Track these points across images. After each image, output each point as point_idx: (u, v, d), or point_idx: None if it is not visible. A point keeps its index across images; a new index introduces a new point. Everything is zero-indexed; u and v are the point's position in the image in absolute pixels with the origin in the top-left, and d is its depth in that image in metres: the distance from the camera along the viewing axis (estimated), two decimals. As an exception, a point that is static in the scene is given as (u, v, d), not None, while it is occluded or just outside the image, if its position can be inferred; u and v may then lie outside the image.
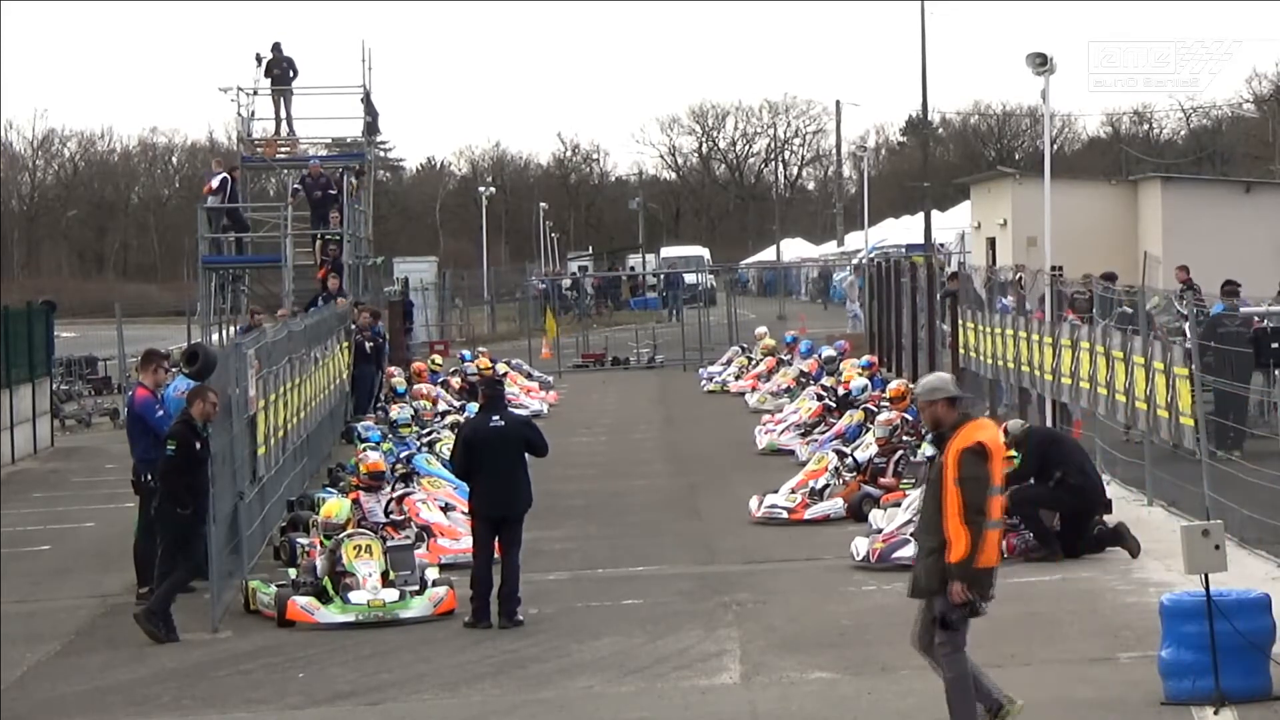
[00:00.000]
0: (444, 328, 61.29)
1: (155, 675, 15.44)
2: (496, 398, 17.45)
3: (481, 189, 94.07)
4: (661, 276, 77.28)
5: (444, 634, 16.47)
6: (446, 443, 26.29)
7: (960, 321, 31.02)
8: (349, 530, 18.04)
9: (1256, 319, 24.30)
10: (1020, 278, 29.42)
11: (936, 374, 12.18)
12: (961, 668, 11.45)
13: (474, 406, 32.53)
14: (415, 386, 33.40)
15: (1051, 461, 18.59)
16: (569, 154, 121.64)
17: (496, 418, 16.79)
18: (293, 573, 18.04)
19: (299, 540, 18.99)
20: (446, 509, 21.21)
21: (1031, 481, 18.65)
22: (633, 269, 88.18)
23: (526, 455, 16.83)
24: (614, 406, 38.27)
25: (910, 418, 24.39)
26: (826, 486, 22.39)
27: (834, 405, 29.24)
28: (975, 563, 11.22)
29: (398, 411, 27.65)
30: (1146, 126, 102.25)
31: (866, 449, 23.71)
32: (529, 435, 16.89)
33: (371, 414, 30.41)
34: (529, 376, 41.37)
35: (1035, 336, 25.43)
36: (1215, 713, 12.18)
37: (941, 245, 62.34)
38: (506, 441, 16.71)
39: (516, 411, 16.95)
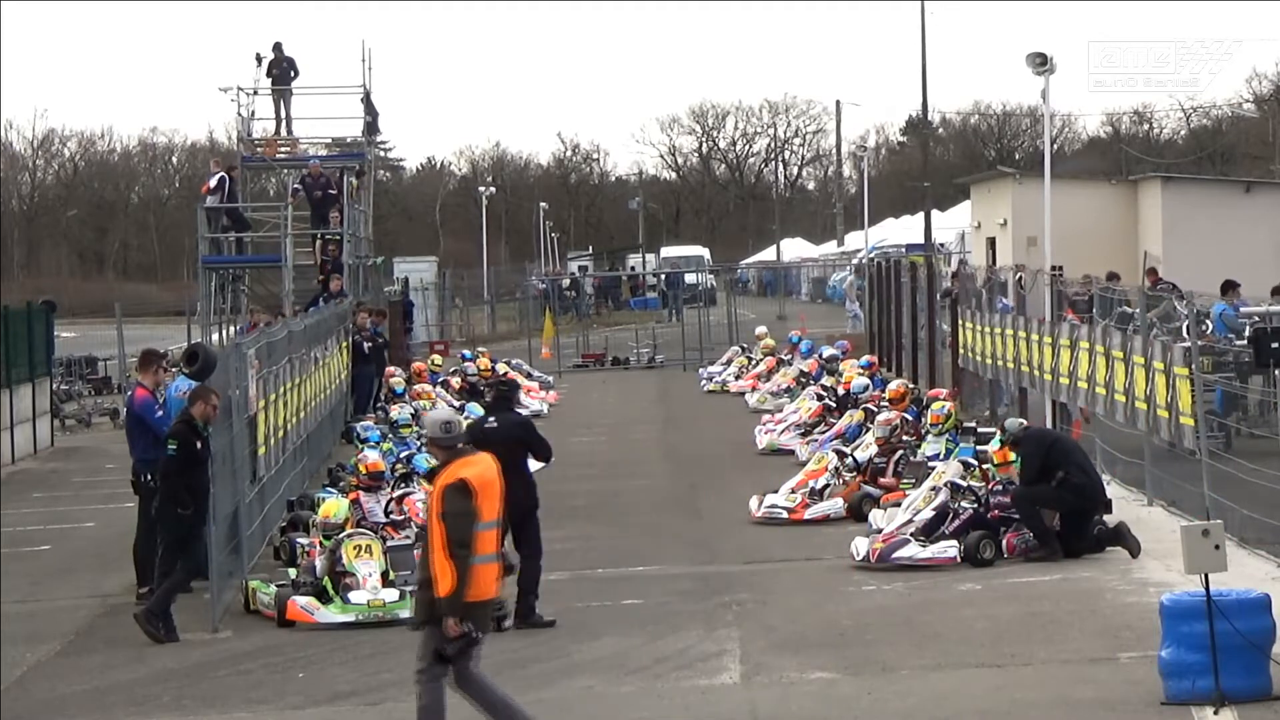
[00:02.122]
0: (444, 328, 61.29)
1: (155, 675, 15.44)
2: (499, 399, 17.42)
3: (481, 189, 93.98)
4: (661, 276, 77.26)
5: (444, 634, 16.45)
6: (446, 443, 26.29)
7: (960, 321, 31.02)
8: (349, 530, 18.05)
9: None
10: (1020, 278, 29.44)
11: (437, 410, 12.38)
12: (436, 696, 11.57)
13: (474, 406, 32.74)
14: (415, 386, 33.39)
15: (1054, 461, 18.59)
16: (569, 154, 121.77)
17: (492, 419, 16.77)
18: (293, 573, 18.04)
19: (299, 540, 19.00)
20: (446, 509, 21.18)
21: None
22: (633, 269, 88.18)
23: (529, 457, 16.76)
24: (614, 406, 38.26)
25: (910, 418, 24.42)
26: (826, 486, 22.39)
27: (834, 405, 29.24)
28: (464, 596, 11.32)
29: (398, 411, 27.63)
30: (1146, 126, 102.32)
31: (866, 449, 23.71)
32: (523, 437, 16.63)
33: (371, 414, 30.41)
34: (529, 376, 41.34)
35: (1035, 336, 25.43)
36: (1215, 713, 12.18)
37: (941, 245, 62.34)
38: (496, 444, 16.66)
39: (517, 413, 16.84)
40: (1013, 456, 19.05)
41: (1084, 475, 18.78)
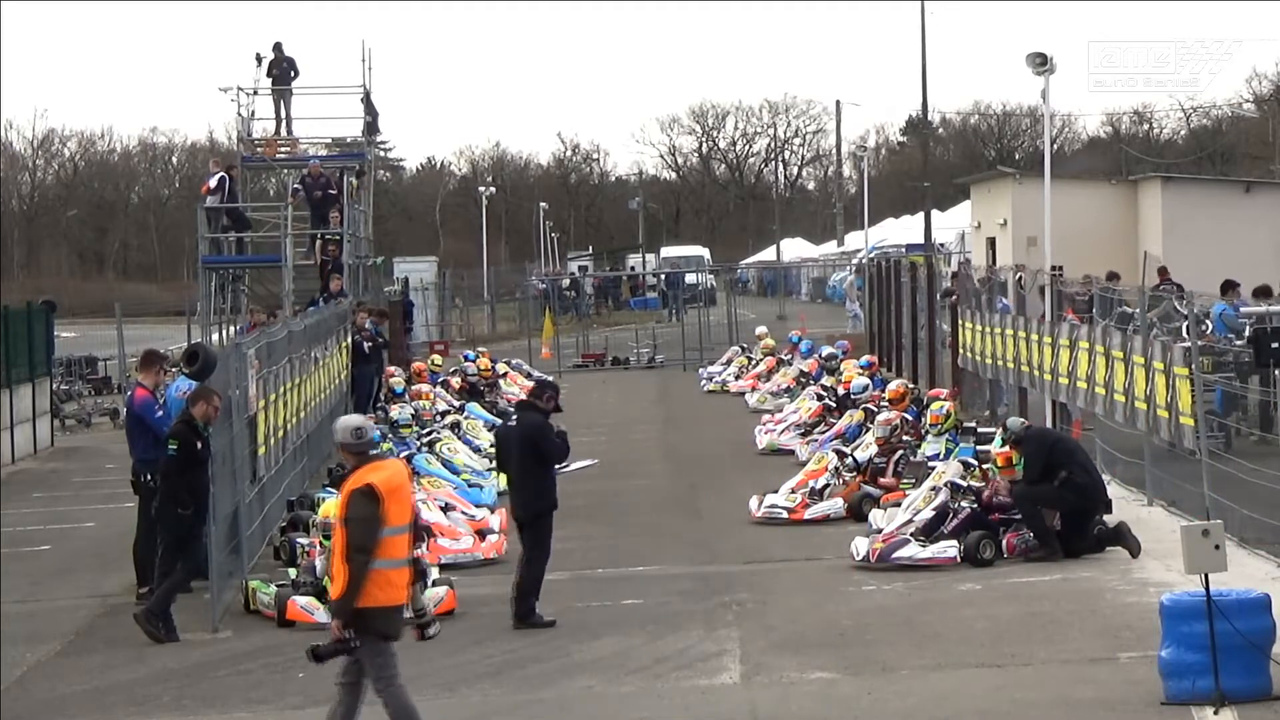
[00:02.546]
0: (444, 328, 61.28)
1: (155, 675, 15.44)
2: (530, 396, 17.31)
3: (481, 189, 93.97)
4: (661, 276, 77.27)
5: (444, 634, 16.39)
6: (446, 443, 26.33)
7: (960, 321, 31.02)
8: (349, 530, 18.02)
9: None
10: (1021, 278, 29.43)
11: (346, 417, 12.41)
12: (401, 700, 11.63)
13: (474, 406, 32.76)
14: (414, 387, 33.37)
15: (1057, 460, 18.58)
16: (569, 154, 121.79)
17: (516, 418, 16.81)
18: (293, 573, 18.03)
19: (299, 540, 18.98)
20: (446, 509, 21.22)
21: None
22: (633, 269, 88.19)
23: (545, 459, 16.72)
24: (614, 406, 38.24)
25: (910, 418, 24.41)
26: (826, 486, 22.39)
27: (834, 405, 29.23)
28: (355, 601, 11.36)
29: (398, 411, 27.63)
30: (1146, 126, 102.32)
31: (866, 449, 23.71)
32: (534, 438, 16.55)
33: (371, 414, 30.39)
34: (529, 376, 41.28)
35: (1035, 336, 25.43)
36: (1215, 713, 12.18)
37: (941, 245, 62.33)
38: (515, 443, 16.73)
39: (539, 415, 16.74)
40: (1015, 457, 19.03)
41: (1086, 475, 18.78)
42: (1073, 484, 18.44)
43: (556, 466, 16.92)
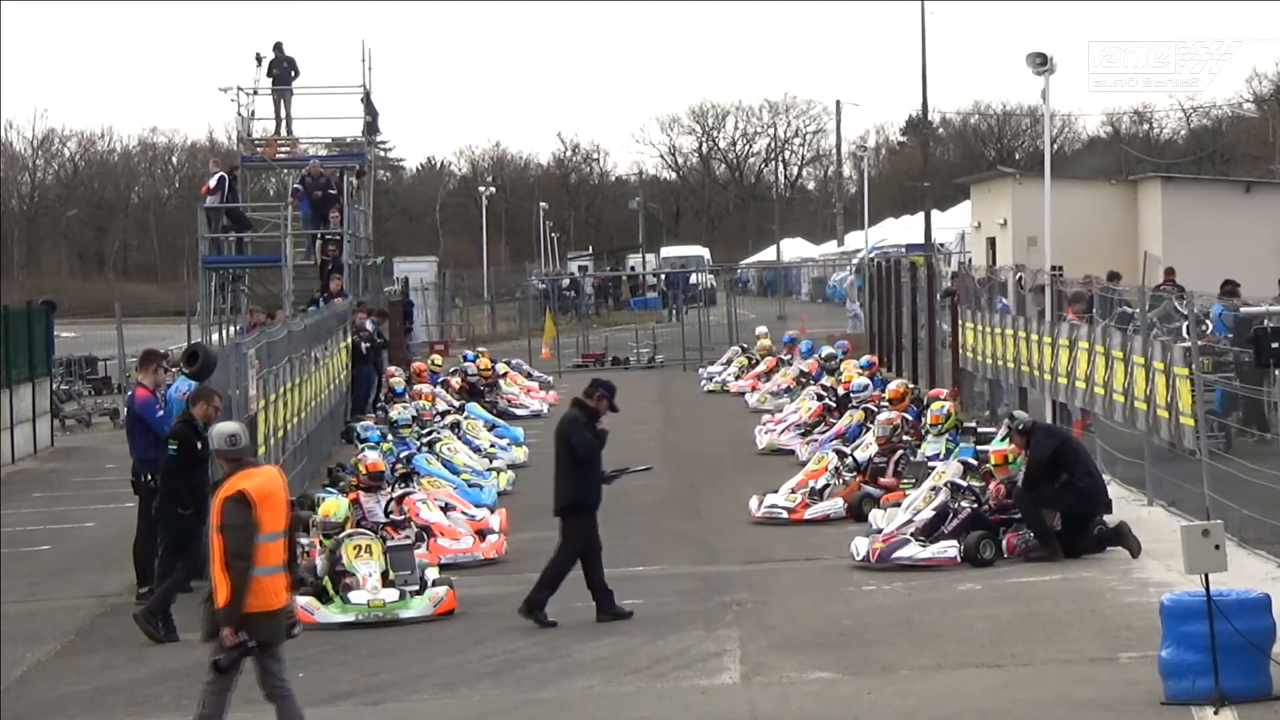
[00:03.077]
0: (444, 328, 61.27)
1: (155, 675, 15.44)
2: (583, 392, 17.33)
3: (481, 189, 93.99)
4: (661, 276, 77.25)
5: (444, 634, 16.47)
6: (446, 443, 26.33)
7: (960, 321, 31.02)
8: (349, 530, 18.05)
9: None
10: (1021, 278, 29.43)
11: (222, 424, 12.47)
12: (216, 709, 11.73)
13: (474, 406, 32.73)
14: (415, 387, 33.38)
15: (1062, 459, 18.57)
16: (569, 154, 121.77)
17: (566, 414, 16.98)
18: (292, 572, 18.02)
19: (299, 540, 18.96)
20: (446, 509, 21.22)
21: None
22: (633, 269, 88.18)
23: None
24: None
25: (910, 418, 24.41)
26: (826, 486, 22.39)
27: (834, 405, 29.23)
28: (241, 607, 11.47)
29: (398, 412, 27.62)
30: (1146, 126, 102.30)
31: (866, 449, 23.71)
32: (566, 432, 16.82)
33: (371, 414, 30.40)
34: (529, 376, 41.35)
35: (1035, 336, 25.43)
36: (1215, 713, 12.18)
37: (941, 245, 62.30)
38: (557, 437, 16.89)
39: (582, 410, 16.89)
40: (1011, 458, 19.02)
41: (1089, 478, 18.76)
42: (1074, 487, 18.44)
43: (609, 471, 17.09)
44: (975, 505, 18.82)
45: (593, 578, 16.73)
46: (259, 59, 40.53)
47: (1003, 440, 19.82)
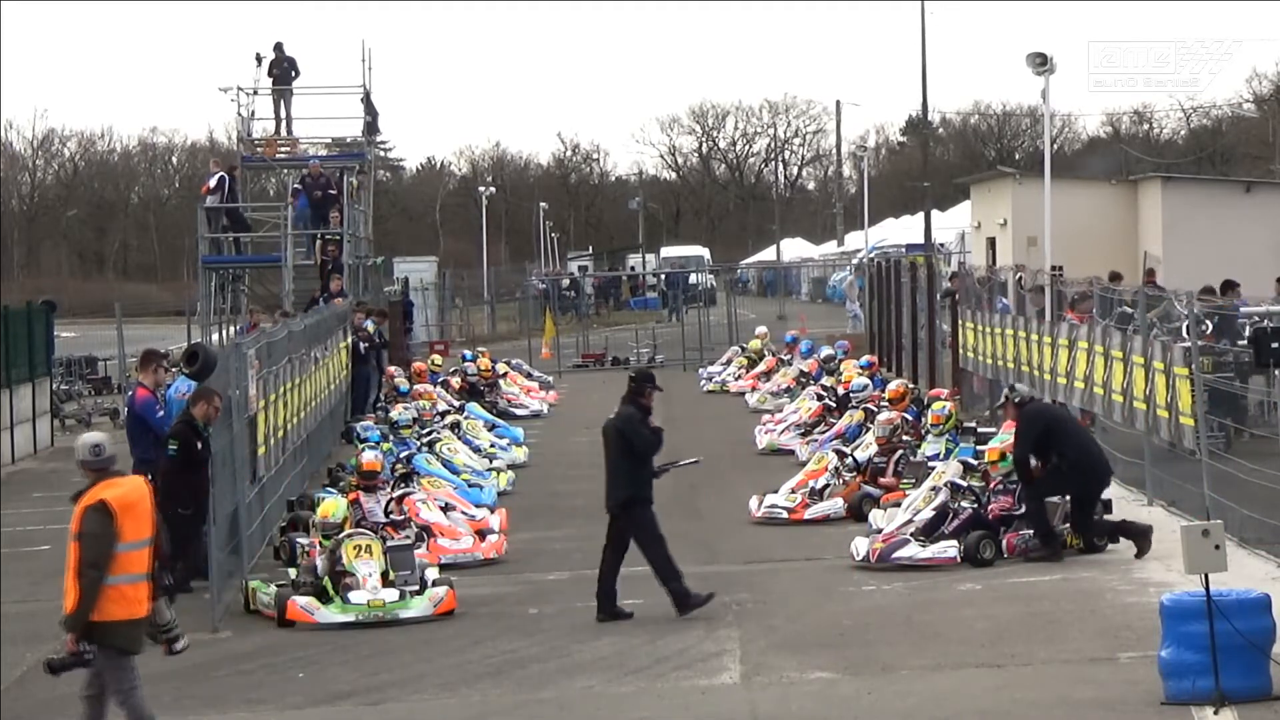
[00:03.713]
0: (444, 328, 61.24)
1: (155, 675, 15.40)
2: (631, 390, 17.29)
3: (481, 189, 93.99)
4: (661, 276, 77.24)
5: (444, 634, 16.48)
6: (446, 443, 26.32)
7: (960, 321, 31.02)
8: (349, 530, 18.05)
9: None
10: (1021, 278, 29.43)
11: (86, 434, 12.39)
12: (142, 709, 11.92)
13: (474, 406, 32.71)
14: (415, 387, 33.37)
15: (1052, 442, 18.52)
16: (569, 154, 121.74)
17: (616, 411, 16.97)
18: (293, 573, 18.04)
19: (299, 540, 18.98)
20: (446, 509, 21.22)
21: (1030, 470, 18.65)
22: (633, 269, 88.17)
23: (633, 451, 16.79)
24: (614, 406, 38.09)
25: (910, 418, 24.41)
26: (826, 486, 22.40)
27: (834, 405, 29.23)
28: (88, 615, 11.57)
29: (399, 412, 27.61)
30: (1146, 126, 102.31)
31: (866, 449, 23.71)
32: (624, 429, 16.85)
33: (371, 414, 30.39)
34: (529, 376, 41.32)
35: (1035, 336, 25.43)
36: (1215, 713, 12.18)
37: (941, 245, 62.28)
38: (607, 436, 16.94)
39: (635, 408, 16.92)
40: (1005, 458, 19.02)
41: (1082, 452, 18.62)
42: (1068, 462, 18.34)
43: (659, 464, 17.09)
44: (975, 505, 18.83)
45: (607, 580, 16.70)
46: (259, 59, 40.54)
47: (1004, 401, 19.82)
